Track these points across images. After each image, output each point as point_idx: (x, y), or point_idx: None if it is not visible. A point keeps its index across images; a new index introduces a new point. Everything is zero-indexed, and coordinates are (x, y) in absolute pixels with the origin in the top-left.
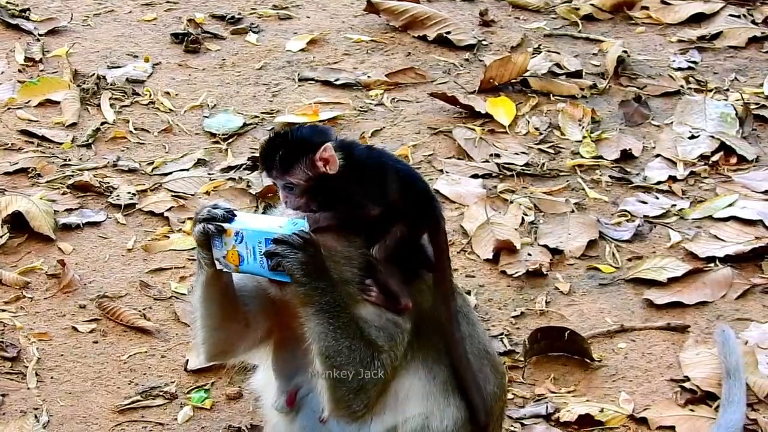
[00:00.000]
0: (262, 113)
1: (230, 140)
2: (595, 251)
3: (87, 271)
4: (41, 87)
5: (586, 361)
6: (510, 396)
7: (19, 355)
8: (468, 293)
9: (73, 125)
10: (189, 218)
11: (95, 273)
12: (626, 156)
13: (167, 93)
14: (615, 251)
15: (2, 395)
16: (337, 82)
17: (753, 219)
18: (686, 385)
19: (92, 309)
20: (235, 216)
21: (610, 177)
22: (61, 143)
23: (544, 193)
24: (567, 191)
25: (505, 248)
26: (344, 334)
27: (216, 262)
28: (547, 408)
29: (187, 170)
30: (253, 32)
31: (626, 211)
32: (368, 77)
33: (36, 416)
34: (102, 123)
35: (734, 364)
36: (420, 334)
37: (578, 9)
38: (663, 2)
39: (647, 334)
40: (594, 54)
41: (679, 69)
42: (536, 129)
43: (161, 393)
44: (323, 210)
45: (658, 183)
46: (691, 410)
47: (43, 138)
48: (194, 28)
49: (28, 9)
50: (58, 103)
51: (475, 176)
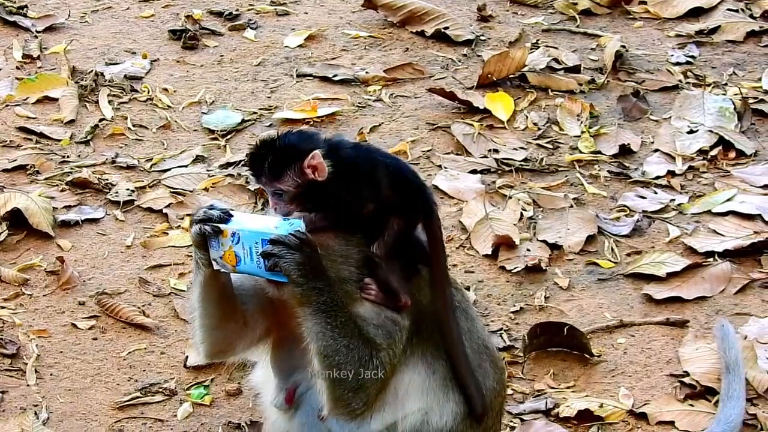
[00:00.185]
0: (261, 109)
1: (229, 137)
2: (594, 246)
3: (86, 268)
4: (39, 84)
5: (586, 357)
6: (509, 391)
7: (19, 352)
8: (467, 289)
9: (72, 122)
10: (188, 215)
11: (94, 270)
12: (625, 151)
13: (165, 89)
14: (614, 246)
15: (2, 392)
16: (336, 78)
17: (752, 213)
18: (685, 380)
19: (91, 306)
20: (232, 216)
21: (609, 172)
22: (60, 140)
23: (543, 189)
24: (566, 186)
25: (504, 243)
26: (342, 333)
27: (213, 263)
28: (547, 403)
29: (186, 167)
30: (251, 28)
31: (625, 206)
32: (366, 73)
33: (36, 413)
34: (100, 120)
35: (733, 359)
36: (419, 331)
37: (576, 4)
38: None
39: (646, 329)
40: (592, 49)
41: (678, 63)
42: (535, 124)
43: (161, 389)
44: (317, 211)
45: (657, 178)
46: (691, 405)
47: (42, 135)
48: (192, 25)
49: (26, 6)
50: (56, 100)
51: (474, 172)
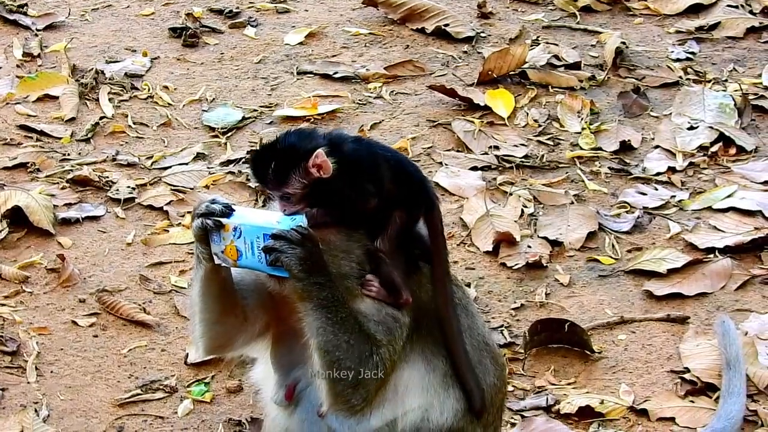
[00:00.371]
0: (261, 107)
1: (229, 134)
2: (595, 243)
3: (86, 266)
4: (40, 82)
5: (586, 353)
6: (510, 388)
7: (19, 350)
8: (468, 285)
9: (72, 120)
10: (188, 212)
11: (95, 267)
12: (625, 147)
13: (166, 87)
14: (614, 243)
15: (2, 389)
16: (336, 75)
17: (752, 210)
18: (686, 377)
19: (92, 303)
20: (234, 211)
21: (610, 168)
22: (60, 138)
23: (544, 185)
24: (566, 183)
25: (505, 240)
26: (343, 329)
27: (214, 257)
28: (548, 400)
29: (187, 164)
30: (252, 26)
31: (625, 203)
32: (367, 70)
33: (36, 410)
34: (101, 117)
35: (734, 355)
36: (419, 328)
37: (576, 0)
38: None
39: (647, 326)
40: (592, 45)
41: (678, 60)
42: (535, 121)
43: (161, 386)
44: (320, 207)
45: (658, 174)
46: (692, 401)
47: (42, 133)
48: (192, 23)
49: (26, 4)
50: (57, 98)
51: (475, 168)
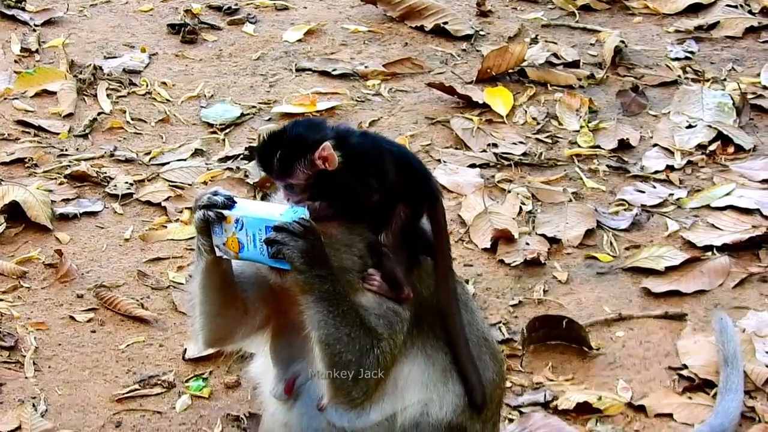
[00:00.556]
0: (260, 103)
1: (227, 130)
2: (593, 240)
3: (84, 261)
4: (38, 77)
5: (584, 350)
6: (508, 384)
7: (17, 345)
8: (466, 282)
9: (70, 115)
10: (186, 208)
11: (93, 263)
12: (624, 145)
13: (164, 83)
14: (613, 240)
15: (0, 384)
16: (335, 73)
17: (750, 208)
18: (684, 373)
19: (90, 298)
20: (236, 203)
21: (608, 166)
22: (58, 133)
23: (542, 183)
24: (565, 180)
25: (503, 237)
26: (344, 322)
27: (216, 249)
28: (545, 396)
29: (185, 160)
30: (250, 23)
31: (624, 201)
32: (365, 67)
33: (34, 405)
34: (99, 113)
35: (732, 352)
36: (419, 322)
37: None
38: None
39: (645, 323)
40: (591, 44)
41: (677, 59)
42: (534, 119)
43: (159, 382)
44: (324, 200)
45: (656, 172)
46: (689, 398)
47: (40, 128)
48: (191, 19)
49: None
50: (55, 94)
51: (473, 166)
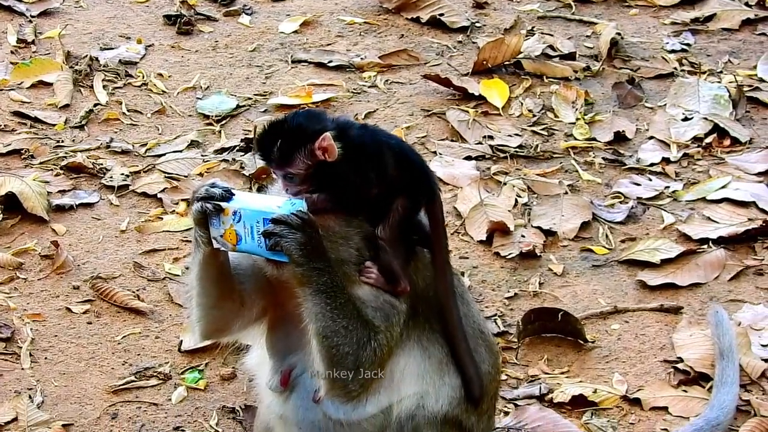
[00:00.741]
0: (256, 95)
1: (223, 122)
2: (589, 233)
3: (80, 252)
4: (34, 68)
5: (580, 342)
6: (503, 377)
7: (13, 336)
8: (462, 274)
9: (66, 107)
10: (183, 199)
11: (89, 254)
12: (619, 138)
13: (160, 75)
14: (608, 233)
15: None
16: (331, 64)
17: (746, 201)
18: (679, 366)
19: (86, 290)
20: (233, 195)
21: (604, 159)
22: (54, 124)
23: (538, 175)
24: (560, 173)
25: (499, 230)
26: (341, 315)
27: (213, 241)
28: (541, 389)
29: (181, 152)
30: (246, 14)
31: (619, 193)
32: (361, 59)
33: (30, 396)
34: (95, 104)
35: (727, 345)
36: (416, 315)
37: None
38: None
39: (640, 316)
40: (587, 36)
41: (673, 51)
42: (529, 111)
43: (155, 373)
44: (322, 192)
45: (652, 165)
46: (684, 391)
47: (36, 119)
48: (187, 10)
49: None
50: (51, 85)
51: (469, 158)
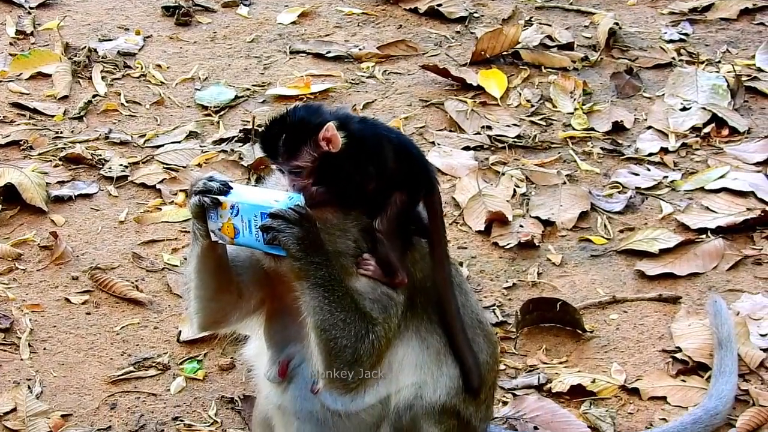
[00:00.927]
0: (254, 86)
1: (222, 113)
2: (587, 223)
3: (79, 243)
4: (32, 60)
5: (578, 332)
6: (502, 367)
7: (12, 327)
8: (460, 264)
9: (65, 98)
10: (181, 190)
11: (87, 245)
12: (618, 128)
13: (158, 66)
14: (607, 223)
15: None
16: (329, 55)
17: (744, 190)
18: (678, 356)
19: (85, 280)
20: (231, 189)
21: (602, 149)
22: (53, 116)
23: (536, 165)
24: (559, 163)
25: (497, 220)
26: (339, 308)
27: (211, 234)
28: (539, 378)
29: (179, 143)
30: (244, 5)
31: (618, 183)
32: (360, 50)
33: (29, 387)
34: (93, 96)
35: (726, 335)
36: (413, 306)
37: None
38: None
39: (639, 305)
40: (585, 26)
41: (671, 41)
42: (528, 101)
43: (154, 364)
44: (321, 185)
45: (650, 155)
46: (683, 381)
47: (35, 111)
48: (185, 1)
49: None
50: (50, 76)
51: (467, 148)
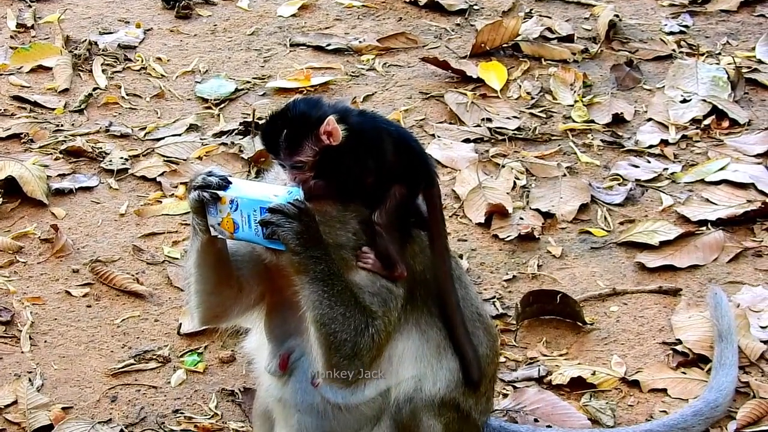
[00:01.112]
0: (254, 78)
1: (222, 105)
2: (587, 215)
3: (80, 236)
4: (33, 53)
5: (578, 325)
6: (502, 359)
7: (13, 319)
8: (460, 257)
9: (66, 91)
10: (181, 183)
11: (88, 237)
12: (618, 120)
13: (159, 59)
14: (607, 215)
15: None
16: (329, 48)
17: (745, 182)
18: (678, 348)
19: (85, 273)
20: (231, 183)
21: (602, 141)
22: (54, 109)
23: (536, 157)
24: (559, 155)
25: (497, 212)
26: (339, 302)
27: (211, 229)
28: (539, 371)
29: (180, 135)
30: None
31: (618, 175)
32: (360, 42)
33: (30, 380)
34: (94, 88)
35: (726, 327)
36: (413, 299)
37: None
38: None
39: (639, 298)
40: (586, 18)
41: (671, 33)
42: (528, 93)
43: (154, 356)
44: (323, 178)
45: (650, 147)
46: (683, 373)
47: (36, 104)
48: None
49: None
50: (50, 69)
51: (467, 141)
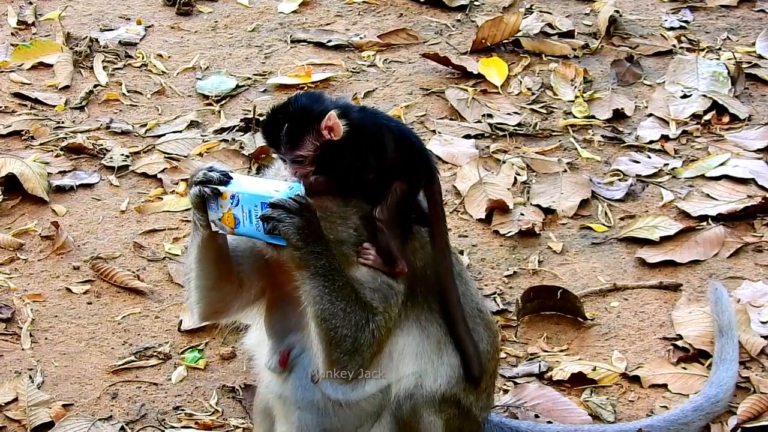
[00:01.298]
0: (255, 75)
1: (223, 102)
2: (588, 210)
3: (81, 233)
4: (34, 50)
5: (579, 320)
6: (503, 355)
7: (14, 317)
8: (461, 253)
9: (66, 88)
10: (182, 180)
11: (89, 234)
12: (618, 115)
13: (160, 55)
14: (607, 210)
15: None
16: (330, 44)
17: (745, 177)
18: (679, 344)
19: (86, 270)
20: (231, 179)
21: (603, 136)
22: (55, 106)
23: (537, 153)
24: (559, 151)
25: (498, 208)
26: (340, 297)
27: (211, 224)
28: (540, 366)
29: (180, 132)
30: None
31: (619, 171)
32: (360, 38)
33: (30, 377)
34: (95, 85)
35: (727, 322)
36: (413, 295)
37: None
38: None
39: (640, 293)
40: (586, 14)
41: (671, 28)
42: (528, 89)
43: (155, 353)
44: (324, 173)
45: (651, 142)
46: (684, 368)
47: (37, 101)
48: None
49: None
50: (51, 66)
51: (468, 137)
